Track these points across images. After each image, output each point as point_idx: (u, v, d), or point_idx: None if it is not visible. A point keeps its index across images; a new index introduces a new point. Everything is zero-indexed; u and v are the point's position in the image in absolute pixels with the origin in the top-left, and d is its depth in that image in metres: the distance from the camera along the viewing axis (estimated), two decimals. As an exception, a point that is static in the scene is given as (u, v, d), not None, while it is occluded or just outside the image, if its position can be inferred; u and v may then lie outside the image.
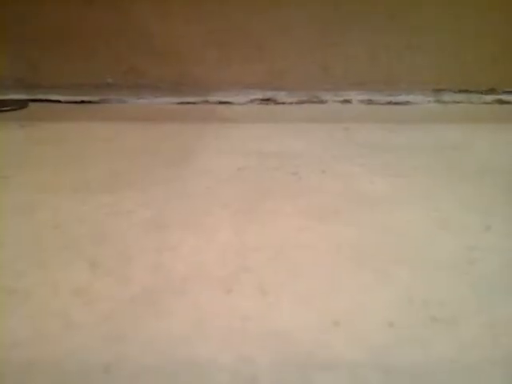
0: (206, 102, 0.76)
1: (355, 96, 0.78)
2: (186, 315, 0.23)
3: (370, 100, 0.76)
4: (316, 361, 0.20)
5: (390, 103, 0.77)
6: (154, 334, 0.21)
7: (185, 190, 0.40)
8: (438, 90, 0.83)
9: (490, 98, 0.83)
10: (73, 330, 0.22)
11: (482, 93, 0.83)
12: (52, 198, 0.39)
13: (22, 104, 0.81)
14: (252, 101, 0.76)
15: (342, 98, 0.78)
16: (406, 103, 0.77)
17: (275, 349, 0.20)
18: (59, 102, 0.82)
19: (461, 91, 0.83)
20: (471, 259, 0.28)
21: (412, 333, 0.21)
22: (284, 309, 0.23)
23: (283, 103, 0.75)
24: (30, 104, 0.79)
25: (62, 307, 0.24)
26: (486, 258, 0.28)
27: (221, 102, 0.78)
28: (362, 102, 0.77)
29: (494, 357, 0.20)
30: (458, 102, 0.83)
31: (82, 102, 0.81)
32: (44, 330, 0.22)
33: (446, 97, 0.83)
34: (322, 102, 0.76)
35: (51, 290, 0.25)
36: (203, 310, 0.23)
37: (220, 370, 0.19)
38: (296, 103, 0.74)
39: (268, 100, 0.75)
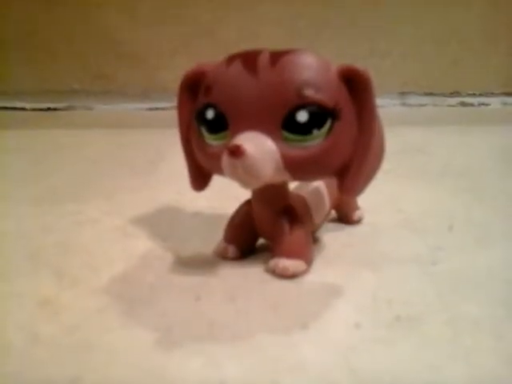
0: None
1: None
2: (155, 324, 0.22)
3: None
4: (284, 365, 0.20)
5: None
6: (121, 345, 0.21)
7: (153, 197, 0.40)
8: (403, 93, 0.85)
9: (453, 100, 0.86)
10: (38, 342, 0.21)
11: (446, 95, 0.86)
12: (16, 207, 0.38)
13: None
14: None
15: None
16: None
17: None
18: (24, 109, 0.80)
19: (426, 94, 0.85)
20: (434, 259, 0.29)
21: (377, 333, 0.22)
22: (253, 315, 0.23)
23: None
24: (-6, 112, 0.77)
25: (27, 319, 0.23)
26: (448, 258, 0.29)
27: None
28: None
29: (455, 354, 0.20)
30: (423, 105, 0.85)
31: (48, 109, 0.80)
32: (9, 342, 0.21)
33: (412, 100, 0.86)
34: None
35: (16, 301, 0.25)
36: (172, 317, 0.23)
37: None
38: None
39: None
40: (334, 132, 0.23)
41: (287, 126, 0.22)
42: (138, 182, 0.45)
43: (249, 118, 0.23)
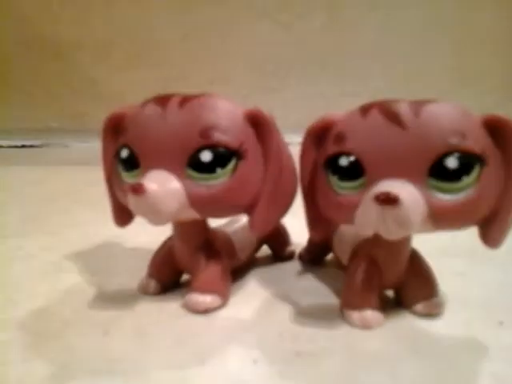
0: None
1: (296, 139, 0.81)
2: (55, 358, 0.23)
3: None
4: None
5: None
6: (16, 378, 0.21)
7: (97, 232, 0.41)
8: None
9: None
10: None
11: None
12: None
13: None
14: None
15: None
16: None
17: None
18: (0, 146, 0.81)
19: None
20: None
21: (274, 368, 0.22)
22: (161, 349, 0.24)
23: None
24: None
25: None
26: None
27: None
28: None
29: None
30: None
31: (23, 146, 0.81)
32: None
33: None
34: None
35: None
36: (75, 353, 0.23)
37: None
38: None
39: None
40: (239, 171, 0.24)
41: (192, 165, 0.23)
42: (87, 218, 0.45)
43: (156, 157, 0.24)
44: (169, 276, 0.30)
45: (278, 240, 0.34)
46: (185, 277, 0.30)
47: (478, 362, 0.22)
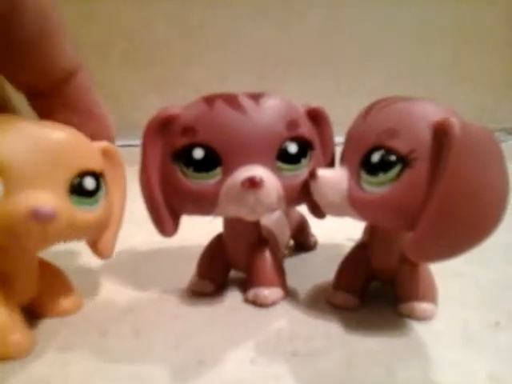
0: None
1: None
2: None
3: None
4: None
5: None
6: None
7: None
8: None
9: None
10: None
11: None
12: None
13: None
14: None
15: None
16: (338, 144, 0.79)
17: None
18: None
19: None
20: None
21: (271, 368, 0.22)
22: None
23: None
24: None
25: None
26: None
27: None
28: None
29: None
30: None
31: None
32: None
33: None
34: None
35: None
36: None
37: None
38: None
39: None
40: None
41: (281, 158, 0.24)
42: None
43: (247, 154, 0.24)
44: (222, 274, 0.30)
45: (302, 231, 0.35)
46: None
47: (474, 362, 0.22)
